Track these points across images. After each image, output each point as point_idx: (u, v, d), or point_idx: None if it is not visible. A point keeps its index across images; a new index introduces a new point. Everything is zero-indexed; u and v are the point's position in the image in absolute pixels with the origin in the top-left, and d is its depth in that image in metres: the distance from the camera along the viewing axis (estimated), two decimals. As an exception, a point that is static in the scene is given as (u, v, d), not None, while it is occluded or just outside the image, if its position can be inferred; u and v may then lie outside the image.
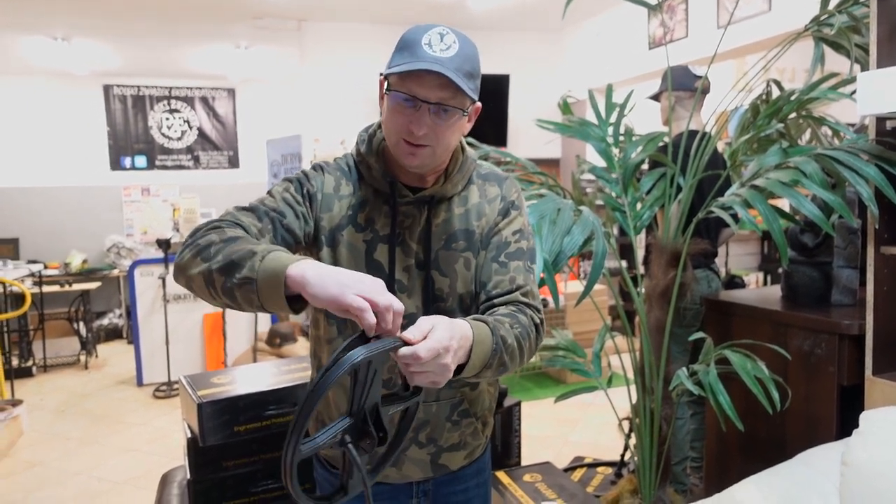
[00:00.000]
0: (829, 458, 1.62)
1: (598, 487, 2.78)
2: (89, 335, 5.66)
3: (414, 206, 1.13)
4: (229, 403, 1.91)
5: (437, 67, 0.98)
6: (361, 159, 1.16)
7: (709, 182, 2.45)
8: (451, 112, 1.02)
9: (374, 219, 1.13)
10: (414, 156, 1.05)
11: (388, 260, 1.11)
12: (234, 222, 1.04)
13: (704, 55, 4.31)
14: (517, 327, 1.05)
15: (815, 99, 1.94)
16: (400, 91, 1.01)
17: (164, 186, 7.23)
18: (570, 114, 2.42)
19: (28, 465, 3.47)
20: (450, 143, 1.07)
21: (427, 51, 0.99)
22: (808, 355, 1.98)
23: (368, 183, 1.15)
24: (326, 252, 1.13)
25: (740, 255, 6.25)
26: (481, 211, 1.18)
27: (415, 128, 1.01)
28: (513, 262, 1.15)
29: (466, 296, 1.15)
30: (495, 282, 1.13)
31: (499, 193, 1.20)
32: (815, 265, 2.15)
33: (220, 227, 1.01)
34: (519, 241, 1.17)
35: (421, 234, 1.13)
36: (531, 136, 5.72)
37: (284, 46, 5.96)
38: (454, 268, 1.14)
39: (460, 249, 1.14)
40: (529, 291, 1.15)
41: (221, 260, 0.93)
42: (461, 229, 1.15)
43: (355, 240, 1.12)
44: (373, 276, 1.09)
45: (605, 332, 2.33)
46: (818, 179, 1.71)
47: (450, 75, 0.98)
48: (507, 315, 1.06)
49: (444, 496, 1.25)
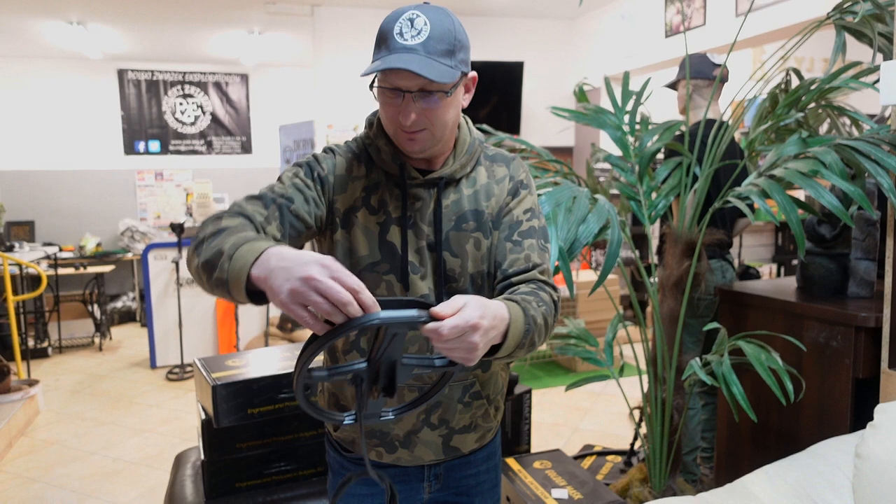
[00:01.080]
0: (842, 451, 1.61)
1: (607, 476, 2.79)
2: (103, 317, 5.73)
3: (423, 189, 1.14)
4: (243, 386, 1.93)
5: (403, 63, 0.97)
6: (371, 142, 1.17)
7: (725, 172, 2.42)
8: (435, 95, 1.03)
9: (387, 201, 1.14)
10: (413, 141, 1.07)
11: (401, 242, 1.12)
12: (238, 212, 1.02)
13: (722, 44, 4.26)
14: (542, 305, 1.05)
15: (837, 88, 1.91)
16: (383, 85, 1.03)
17: (177, 171, 7.26)
18: (586, 101, 2.40)
19: (45, 444, 3.53)
20: (446, 122, 1.08)
21: (399, 41, 1.00)
22: (823, 347, 1.97)
23: (379, 166, 1.16)
24: (341, 234, 1.13)
25: (754, 246, 6.20)
26: (490, 191, 1.18)
27: (403, 118, 1.03)
28: (526, 240, 1.16)
29: (478, 276, 1.16)
30: (511, 260, 1.14)
31: (507, 173, 1.21)
32: (833, 257, 2.13)
33: (220, 219, 0.99)
34: (531, 220, 1.18)
35: (431, 215, 1.14)
36: (544, 125, 5.70)
37: (297, 32, 5.95)
38: (465, 248, 1.14)
39: (470, 230, 1.15)
40: (546, 269, 1.16)
41: (203, 257, 0.93)
42: (471, 210, 1.16)
43: (369, 222, 1.13)
44: (386, 257, 1.11)
45: (617, 322, 2.33)
46: (838, 170, 1.69)
47: (414, 68, 0.97)
48: (531, 293, 1.07)
49: (456, 479, 1.26)
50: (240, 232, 0.95)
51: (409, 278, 1.11)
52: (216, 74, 7.33)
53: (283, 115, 7.13)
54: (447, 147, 1.15)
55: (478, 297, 0.90)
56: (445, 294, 1.13)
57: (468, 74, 1.09)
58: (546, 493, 2.09)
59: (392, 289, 1.12)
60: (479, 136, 1.21)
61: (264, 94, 7.50)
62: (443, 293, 1.13)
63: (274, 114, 7.36)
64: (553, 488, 2.12)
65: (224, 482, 1.98)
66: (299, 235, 1.09)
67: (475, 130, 1.21)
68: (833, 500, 1.53)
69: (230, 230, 0.95)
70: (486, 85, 5.60)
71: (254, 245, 0.88)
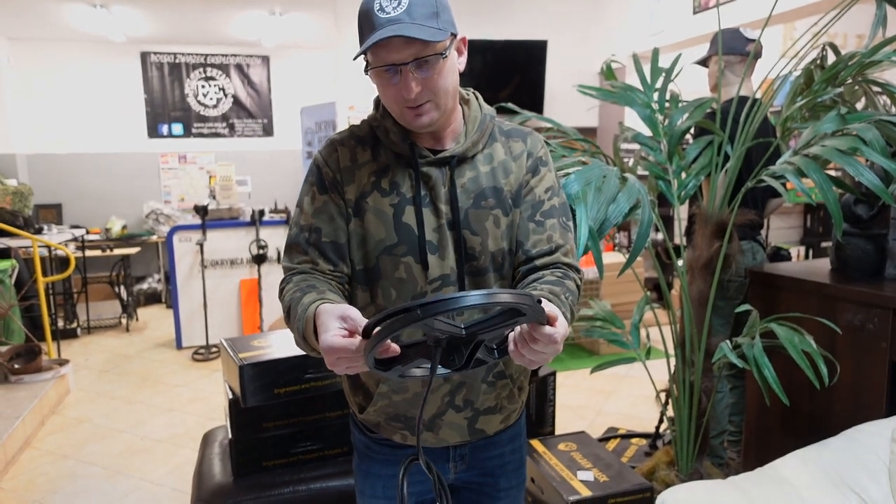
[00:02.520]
0: (878, 434, 1.58)
1: (632, 458, 2.78)
2: (130, 299, 5.82)
3: (436, 167, 1.12)
4: (270, 366, 1.94)
5: (392, 31, 0.97)
6: (378, 124, 1.15)
7: (756, 151, 2.36)
8: (430, 61, 1.01)
9: (399, 182, 1.12)
10: (420, 116, 1.05)
11: (417, 222, 1.11)
12: (292, 276, 1.11)
13: (752, 19, 4.14)
14: (569, 295, 1.06)
15: (877, 63, 1.84)
16: (376, 65, 1.02)
17: (200, 154, 7.31)
18: (614, 79, 2.35)
19: (76, 422, 3.60)
20: (447, 88, 1.06)
21: (381, 16, 0.99)
22: (858, 330, 1.92)
23: (388, 147, 1.14)
24: (354, 223, 1.13)
25: (782, 228, 6.08)
26: (508, 168, 1.16)
27: (405, 92, 1.02)
28: (548, 220, 1.15)
29: (498, 253, 1.14)
30: (533, 241, 1.14)
31: (524, 149, 1.19)
32: (869, 237, 2.07)
33: (282, 290, 1.11)
34: (552, 199, 1.18)
35: (447, 194, 1.12)
36: (568, 104, 5.61)
37: (319, 12, 5.91)
38: (484, 226, 1.13)
39: (489, 207, 1.13)
40: (569, 250, 1.16)
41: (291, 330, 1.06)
42: (489, 187, 1.14)
43: (381, 205, 1.11)
44: (403, 239, 1.10)
45: (644, 304, 2.30)
46: (879, 147, 1.63)
47: (405, 33, 0.97)
48: (558, 284, 1.07)
49: (481, 461, 1.26)
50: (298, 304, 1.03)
51: (427, 258, 1.10)
52: (238, 56, 7.33)
53: (304, 97, 7.11)
54: (453, 118, 1.14)
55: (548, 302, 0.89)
56: (467, 273, 1.12)
57: (457, 36, 1.07)
58: (572, 475, 2.08)
59: (411, 270, 1.11)
60: (489, 110, 1.19)
61: (286, 76, 7.48)
62: (464, 272, 1.12)
63: (295, 96, 7.34)
64: (578, 470, 2.11)
65: (251, 461, 2.00)
66: (342, 251, 1.13)
67: (486, 105, 1.19)
68: (868, 484, 1.50)
69: (294, 308, 1.03)
70: (508, 64, 5.53)
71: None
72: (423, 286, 1.11)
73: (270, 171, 7.34)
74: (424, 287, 1.11)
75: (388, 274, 1.12)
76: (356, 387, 1.23)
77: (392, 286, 1.12)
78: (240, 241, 4.99)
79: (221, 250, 4.97)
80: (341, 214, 1.13)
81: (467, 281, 1.13)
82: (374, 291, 1.14)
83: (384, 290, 1.13)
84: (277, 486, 1.95)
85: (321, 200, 1.13)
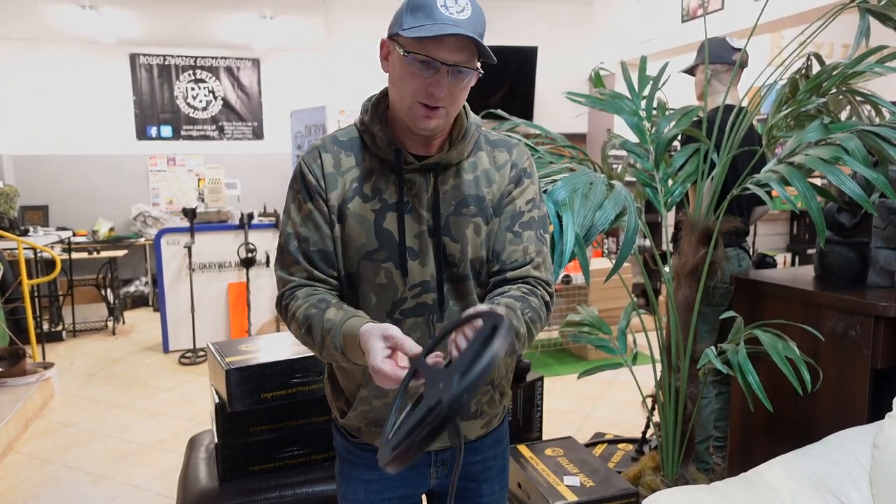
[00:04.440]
0: (860, 441, 1.60)
1: (618, 463, 2.79)
2: (116, 302, 5.77)
3: (420, 174, 1.12)
4: (257, 371, 1.93)
5: (461, 30, 0.97)
6: (366, 129, 1.15)
7: (742, 159, 2.39)
8: (465, 73, 1.03)
9: (382, 188, 1.12)
10: (430, 118, 1.05)
11: (398, 228, 1.11)
12: (299, 285, 1.12)
13: (740, 28, 4.19)
14: (528, 312, 1.06)
15: (860, 73, 1.87)
16: (418, 53, 1.00)
17: (189, 156, 7.27)
18: (602, 86, 2.37)
19: (60, 426, 3.57)
20: (460, 105, 1.09)
21: (444, 13, 0.98)
22: (841, 337, 1.94)
23: (373, 152, 1.14)
24: (338, 229, 1.13)
25: (768, 234, 6.13)
26: (491, 177, 1.17)
27: (435, 90, 1.01)
28: (526, 231, 1.16)
29: (477, 261, 1.15)
30: (509, 252, 1.15)
31: (508, 159, 1.19)
32: (852, 245, 2.10)
33: (288, 310, 1.12)
34: (531, 211, 1.18)
35: (429, 200, 1.12)
36: (557, 111, 5.63)
37: (309, 16, 5.91)
38: (465, 233, 1.13)
39: (470, 215, 1.14)
40: (541, 263, 1.16)
41: (307, 343, 1.10)
42: (472, 195, 1.15)
43: (363, 210, 1.12)
44: (383, 244, 1.10)
45: (631, 309, 2.31)
46: (861, 156, 1.66)
47: (475, 37, 0.98)
48: (520, 299, 1.08)
49: (462, 465, 1.26)
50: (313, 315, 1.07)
51: (407, 265, 1.11)
52: (228, 59, 7.31)
53: (294, 101, 7.10)
54: (446, 131, 1.14)
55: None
56: (447, 280, 1.13)
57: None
58: (558, 480, 2.09)
59: (391, 276, 1.11)
60: (476, 120, 1.20)
61: (276, 79, 7.47)
62: (444, 278, 1.12)
63: (286, 99, 7.33)
64: (565, 475, 2.12)
65: (237, 465, 1.99)
66: (332, 252, 1.14)
67: (472, 115, 1.20)
68: (850, 490, 1.52)
69: (317, 324, 1.06)
70: (499, 70, 5.52)
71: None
72: (404, 292, 1.12)
73: (260, 175, 7.32)
74: (405, 293, 1.12)
75: (368, 279, 1.12)
76: (337, 392, 1.23)
77: (372, 291, 1.13)
78: (228, 244, 4.97)
79: (210, 253, 4.95)
80: (326, 221, 1.13)
81: (447, 288, 1.13)
82: (356, 297, 1.14)
83: (364, 295, 1.13)
84: (263, 490, 1.94)
85: (306, 210, 1.13)
